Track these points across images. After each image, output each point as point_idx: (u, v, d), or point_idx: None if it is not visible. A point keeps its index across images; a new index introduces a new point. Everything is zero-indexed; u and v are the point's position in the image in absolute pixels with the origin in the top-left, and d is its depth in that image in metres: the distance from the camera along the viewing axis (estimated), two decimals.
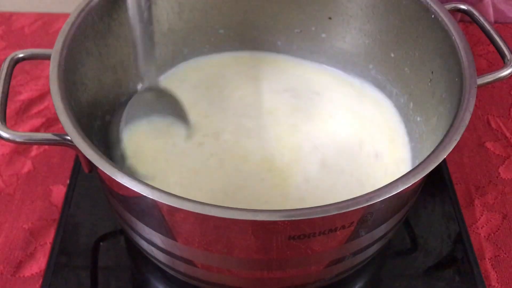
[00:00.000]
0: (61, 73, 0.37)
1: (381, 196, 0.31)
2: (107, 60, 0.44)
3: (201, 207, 0.30)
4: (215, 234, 0.33)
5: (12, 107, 0.58)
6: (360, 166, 0.46)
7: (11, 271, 0.46)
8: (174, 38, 0.51)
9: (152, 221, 0.35)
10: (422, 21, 0.43)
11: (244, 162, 0.46)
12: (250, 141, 0.47)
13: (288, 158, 0.46)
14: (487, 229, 0.50)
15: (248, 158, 0.46)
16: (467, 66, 0.38)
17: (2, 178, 0.53)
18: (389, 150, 0.48)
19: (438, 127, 0.41)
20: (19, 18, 0.69)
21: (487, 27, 0.41)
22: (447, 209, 0.50)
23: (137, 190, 0.31)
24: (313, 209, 0.30)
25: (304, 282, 0.39)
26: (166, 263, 0.39)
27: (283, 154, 0.46)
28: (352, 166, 0.46)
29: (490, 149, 0.56)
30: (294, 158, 0.46)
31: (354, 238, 0.35)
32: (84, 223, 0.49)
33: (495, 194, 0.53)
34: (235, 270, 0.37)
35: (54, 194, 0.51)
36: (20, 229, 0.49)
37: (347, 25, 0.50)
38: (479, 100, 0.61)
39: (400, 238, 0.49)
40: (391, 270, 0.47)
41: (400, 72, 0.48)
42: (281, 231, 0.32)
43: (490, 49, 0.66)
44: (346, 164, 0.46)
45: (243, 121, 0.49)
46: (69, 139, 0.34)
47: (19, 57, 0.39)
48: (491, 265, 0.48)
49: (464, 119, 0.35)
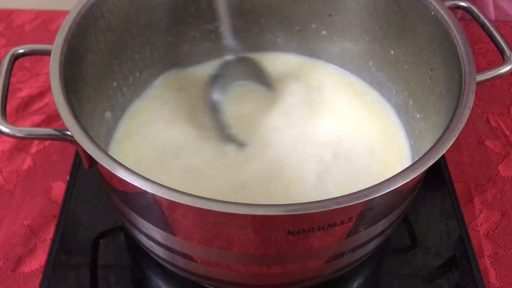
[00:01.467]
0: (61, 68, 0.37)
1: (380, 191, 0.31)
2: (107, 56, 0.44)
3: (200, 201, 0.30)
4: (214, 229, 0.33)
5: (13, 104, 0.58)
6: (359, 163, 0.46)
7: (11, 267, 0.46)
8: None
9: (152, 216, 0.35)
10: (422, 18, 0.43)
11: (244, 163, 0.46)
12: (250, 137, 0.47)
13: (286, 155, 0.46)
14: (486, 227, 0.50)
15: (247, 156, 0.46)
16: (467, 62, 0.38)
17: (2, 174, 0.53)
18: (388, 148, 0.48)
19: (437, 124, 0.41)
20: (19, 15, 0.69)
21: (487, 24, 0.41)
22: (447, 207, 0.50)
23: (137, 185, 0.31)
24: (312, 203, 0.30)
25: (303, 277, 0.39)
26: (165, 258, 0.40)
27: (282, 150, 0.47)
28: (351, 163, 0.46)
29: (489, 147, 0.56)
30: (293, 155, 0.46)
31: (353, 233, 0.35)
32: (84, 219, 0.49)
33: (494, 192, 0.53)
34: (234, 265, 0.37)
35: (54, 190, 0.51)
36: (20, 225, 0.49)
37: (347, 22, 0.50)
38: (478, 98, 0.61)
39: (399, 235, 0.49)
40: (390, 267, 0.47)
41: (400, 69, 0.48)
42: (280, 227, 0.32)
43: (490, 47, 0.66)
44: (345, 161, 0.46)
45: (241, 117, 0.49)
46: (69, 134, 0.34)
47: (19, 52, 0.39)
48: (490, 263, 0.48)
49: (464, 115, 0.35)
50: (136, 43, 0.48)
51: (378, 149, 0.48)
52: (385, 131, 0.49)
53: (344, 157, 0.46)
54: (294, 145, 0.47)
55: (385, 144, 0.48)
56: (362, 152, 0.47)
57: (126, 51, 0.47)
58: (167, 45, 0.51)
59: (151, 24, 0.48)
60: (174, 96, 0.51)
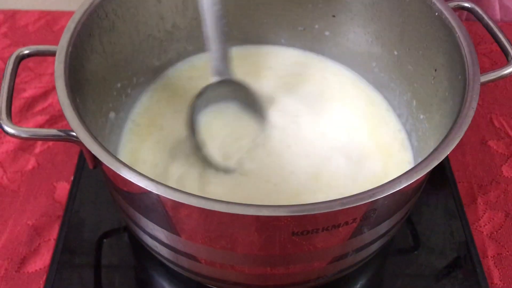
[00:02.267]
0: (66, 69, 0.37)
1: (385, 192, 0.31)
2: (111, 57, 0.45)
3: (204, 202, 0.30)
4: (218, 229, 0.33)
5: (16, 105, 0.58)
6: (361, 164, 0.46)
7: (16, 267, 0.46)
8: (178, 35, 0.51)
9: (156, 217, 0.35)
10: (426, 18, 0.43)
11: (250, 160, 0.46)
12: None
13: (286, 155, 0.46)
14: (489, 227, 0.50)
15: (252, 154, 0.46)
16: (471, 63, 0.38)
17: (7, 174, 0.53)
18: (391, 148, 0.48)
19: (441, 125, 0.41)
20: (23, 16, 0.69)
21: (491, 25, 0.41)
22: (450, 207, 0.50)
23: (142, 185, 0.31)
24: (316, 204, 0.30)
25: (307, 278, 0.39)
26: (169, 258, 0.40)
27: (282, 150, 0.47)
28: (353, 164, 0.46)
29: (493, 147, 0.56)
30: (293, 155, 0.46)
31: (357, 234, 0.35)
32: (88, 219, 0.49)
33: (497, 192, 0.53)
34: (238, 266, 0.37)
35: (58, 190, 0.52)
36: (24, 226, 0.49)
37: (350, 23, 0.50)
38: (482, 99, 0.61)
39: (402, 236, 0.49)
40: (393, 267, 0.47)
41: (403, 70, 0.48)
42: (284, 227, 0.32)
43: (493, 48, 0.66)
44: (347, 162, 0.46)
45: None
46: (74, 135, 0.34)
47: (24, 53, 0.39)
48: (494, 263, 0.48)
49: (468, 116, 0.35)
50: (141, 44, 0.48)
51: (381, 150, 0.48)
52: (388, 132, 0.49)
53: (346, 158, 0.46)
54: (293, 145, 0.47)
55: (388, 145, 0.48)
56: (364, 153, 0.47)
57: (131, 52, 0.47)
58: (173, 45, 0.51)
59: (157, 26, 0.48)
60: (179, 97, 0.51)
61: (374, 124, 0.50)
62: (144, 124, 0.49)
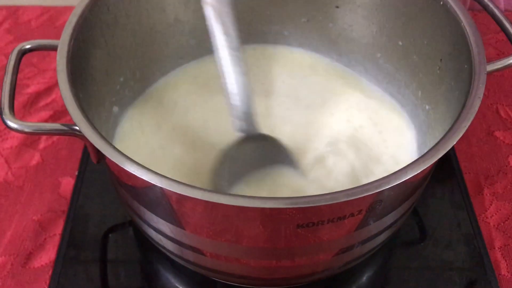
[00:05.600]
0: (68, 63, 0.37)
1: (390, 183, 0.31)
2: (113, 51, 0.44)
3: (209, 195, 0.30)
4: (223, 222, 0.33)
5: (20, 100, 0.58)
6: (367, 156, 0.46)
7: (21, 262, 0.47)
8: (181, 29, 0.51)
9: (161, 210, 0.35)
10: (430, 7, 0.42)
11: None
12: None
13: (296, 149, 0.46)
14: (496, 218, 0.50)
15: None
16: (477, 52, 0.37)
17: (11, 170, 0.53)
18: (397, 140, 0.48)
19: (447, 115, 0.41)
20: (25, 12, 0.69)
21: (496, 13, 0.41)
22: (456, 199, 0.50)
23: (146, 179, 0.31)
24: (321, 196, 0.30)
25: (312, 271, 0.39)
26: (174, 252, 0.40)
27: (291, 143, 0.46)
28: (359, 157, 0.46)
29: (499, 138, 0.56)
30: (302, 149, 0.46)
31: (363, 226, 0.35)
32: (92, 214, 0.49)
33: (504, 183, 0.52)
34: (243, 259, 0.37)
35: (63, 186, 0.52)
36: (29, 221, 0.49)
37: (354, 14, 0.50)
38: (488, 89, 0.60)
39: (408, 228, 0.48)
40: (399, 259, 0.47)
41: (409, 60, 0.47)
42: (289, 220, 0.32)
43: (499, 38, 0.65)
44: (353, 155, 0.46)
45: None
46: (77, 129, 0.34)
47: (26, 48, 0.39)
48: (501, 254, 0.47)
49: (474, 106, 0.35)
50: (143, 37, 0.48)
51: (387, 142, 0.47)
52: (393, 123, 0.49)
53: (353, 150, 0.46)
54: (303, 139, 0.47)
55: (394, 136, 0.48)
56: (370, 145, 0.47)
57: (133, 46, 0.47)
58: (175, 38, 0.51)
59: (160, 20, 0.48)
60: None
61: (379, 115, 0.49)
62: (148, 118, 0.49)
